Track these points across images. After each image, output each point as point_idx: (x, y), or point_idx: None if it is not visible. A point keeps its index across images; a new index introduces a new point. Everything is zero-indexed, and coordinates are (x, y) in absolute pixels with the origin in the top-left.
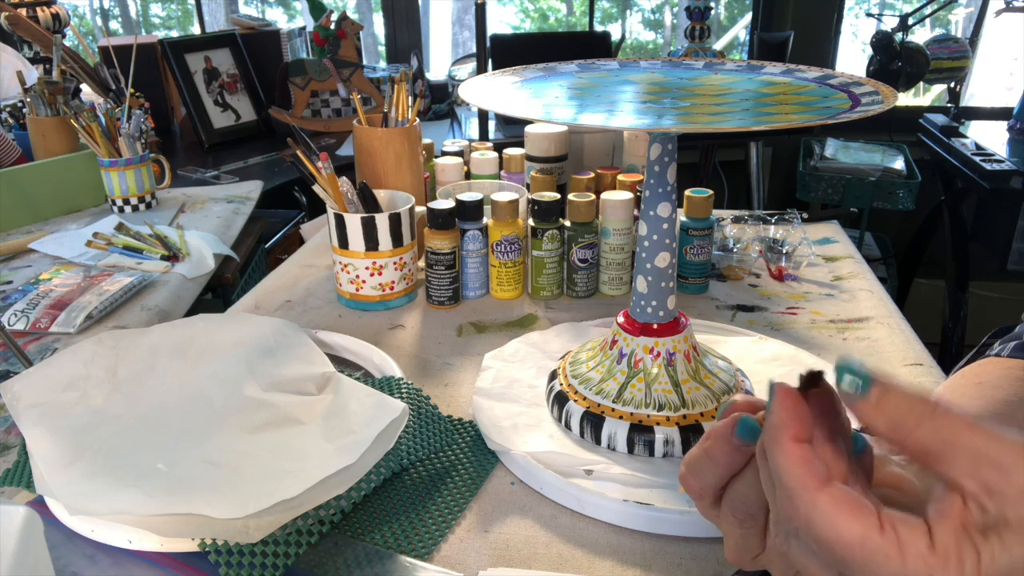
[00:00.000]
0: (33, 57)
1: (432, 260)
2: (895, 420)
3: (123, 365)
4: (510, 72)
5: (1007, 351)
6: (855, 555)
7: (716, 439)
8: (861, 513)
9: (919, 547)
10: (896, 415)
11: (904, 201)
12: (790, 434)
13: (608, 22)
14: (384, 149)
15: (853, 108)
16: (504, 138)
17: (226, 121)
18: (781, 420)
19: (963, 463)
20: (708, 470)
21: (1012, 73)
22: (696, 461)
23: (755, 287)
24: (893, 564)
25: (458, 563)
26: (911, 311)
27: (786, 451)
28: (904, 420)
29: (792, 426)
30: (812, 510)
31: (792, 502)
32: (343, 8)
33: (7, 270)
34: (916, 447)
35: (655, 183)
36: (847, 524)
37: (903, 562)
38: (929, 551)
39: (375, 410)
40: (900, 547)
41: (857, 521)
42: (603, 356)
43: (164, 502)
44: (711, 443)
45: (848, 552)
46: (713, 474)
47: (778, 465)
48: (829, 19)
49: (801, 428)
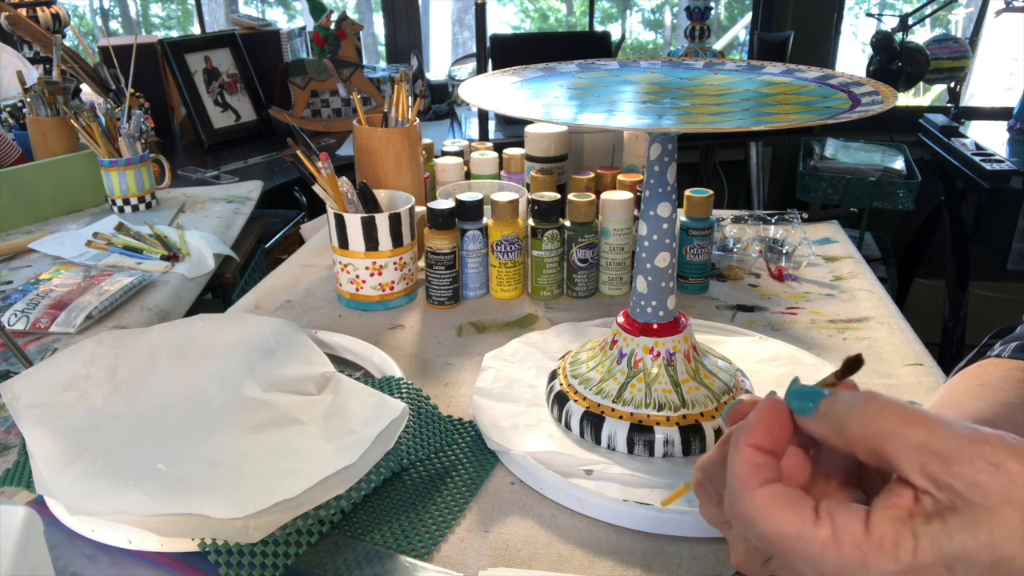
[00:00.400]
0: (33, 57)
1: (432, 260)
2: (837, 426)
3: (123, 365)
4: (510, 72)
5: (1008, 352)
6: (794, 546)
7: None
8: (796, 506)
9: (854, 533)
10: (838, 420)
11: (904, 201)
12: (749, 439)
13: (608, 22)
14: (384, 149)
15: (853, 108)
16: (504, 138)
17: (226, 121)
18: (749, 424)
19: (908, 458)
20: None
21: (1012, 73)
22: (715, 465)
23: (755, 287)
24: (829, 552)
25: (458, 563)
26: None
27: (740, 452)
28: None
29: (754, 431)
30: (751, 507)
31: (734, 499)
32: (343, 8)
33: (7, 270)
34: (863, 449)
35: (655, 183)
36: (782, 517)
37: (838, 549)
38: (864, 536)
39: (375, 410)
40: (835, 534)
41: (792, 513)
42: (603, 356)
43: (164, 502)
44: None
45: (787, 543)
46: None
47: (730, 462)
48: (829, 19)
49: (762, 436)
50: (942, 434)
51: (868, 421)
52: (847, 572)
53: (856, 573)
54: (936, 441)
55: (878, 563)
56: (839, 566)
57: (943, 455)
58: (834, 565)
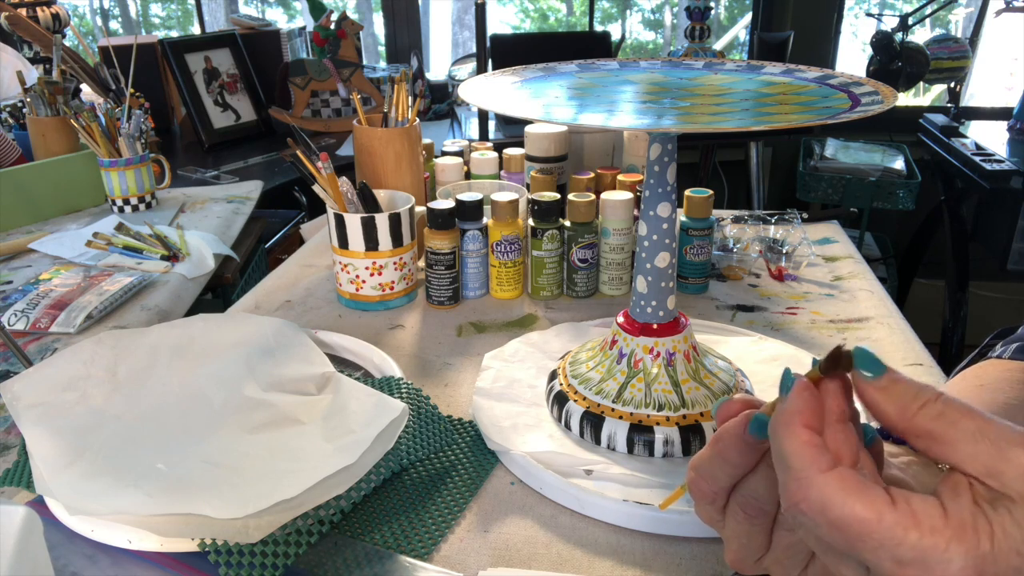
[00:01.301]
0: (33, 57)
1: (432, 260)
2: (901, 404)
3: (123, 365)
4: (510, 72)
5: (1008, 353)
6: (872, 530)
7: (729, 439)
8: (872, 491)
9: (934, 519)
10: (902, 400)
11: (904, 201)
12: (802, 420)
13: (608, 22)
14: (384, 149)
15: (853, 108)
16: (504, 138)
17: (226, 121)
18: (796, 407)
19: (963, 445)
20: (722, 471)
21: (1012, 73)
22: (707, 463)
23: (755, 287)
24: (911, 537)
25: (458, 563)
26: (911, 311)
27: (797, 436)
28: (909, 404)
29: (805, 413)
30: (823, 491)
31: (802, 485)
32: (343, 8)
33: (7, 270)
34: (920, 431)
35: (655, 183)
36: (860, 502)
37: (920, 534)
38: (944, 523)
39: (375, 410)
40: (915, 520)
41: (869, 499)
42: (603, 356)
43: (164, 502)
44: (724, 444)
45: (865, 528)
46: (727, 475)
47: (787, 449)
48: (829, 19)
49: (812, 417)
50: (998, 426)
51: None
52: (929, 557)
53: (938, 557)
54: (992, 430)
55: (960, 547)
56: (921, 550)
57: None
58: (916, 549)
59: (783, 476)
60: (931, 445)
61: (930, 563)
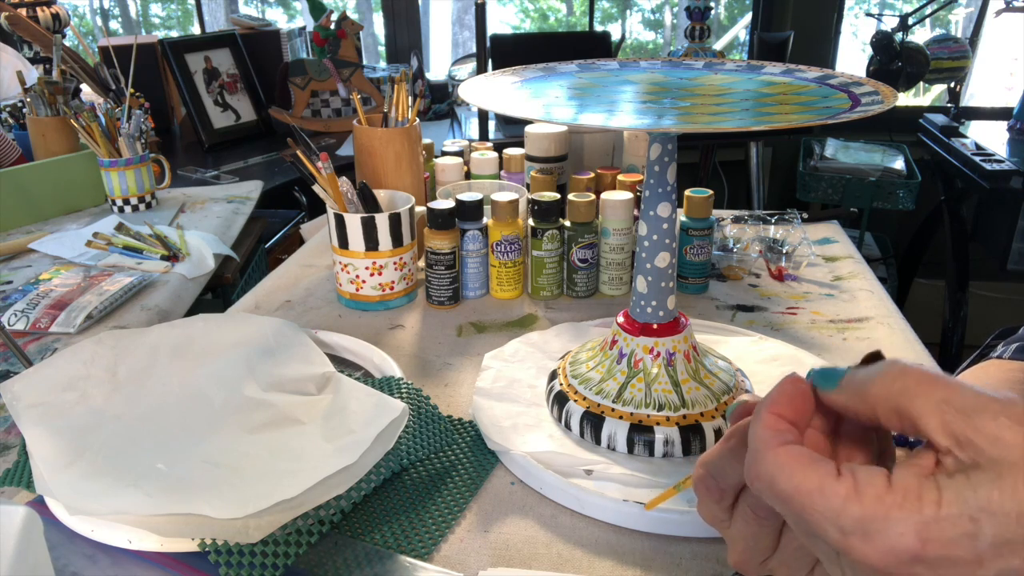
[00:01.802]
0: (33, 57)
1: (432, 260)
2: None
3: (123, 365)
4: (510, 72)
5: (1009, 353)
6: (814, 501)
7: (742, 437)
8: (817, 464)
9: (876, 486)
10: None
11: (904, 201)
12: (771, 407)
13: (608, 22)
14: (384, 149)
15: (853, 108)
16: (504, 138)
17: (226, 121)
18: (772, 395)
19: (930, 414)
20: (732, 468)
21: (1012, 73)
22: (718, 460)
23: (755, 287)
24: (851, 505)
25: (458, 563)
26: (911, 311)
27: (759, 418)
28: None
29: (777, 400)
30: (771, 465)
31: (755, 460)
32: (343, 8)
33: (7, 270)
34: (885, 412)
35: (655, 183)
36: (803, 473)
37: (860, 502)
38: (887, 490)
39: (375, 410)
40: (857, 488)
41: (813, 470)
42: (603, 356)
43: (164, 502)
44: (736, 441)
45: (807, 499)
46: (737, 472)
47: (752, 431)
48: (829, 19)
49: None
50: (964, 392)
51: (891, 380)
52: (869, 525)
53: (878, 525)
54: (958, 398)
55: (901, 514)
56: (860, 519)
57: (965, 411)
58: (855, 518)
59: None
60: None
61: (870, 531)
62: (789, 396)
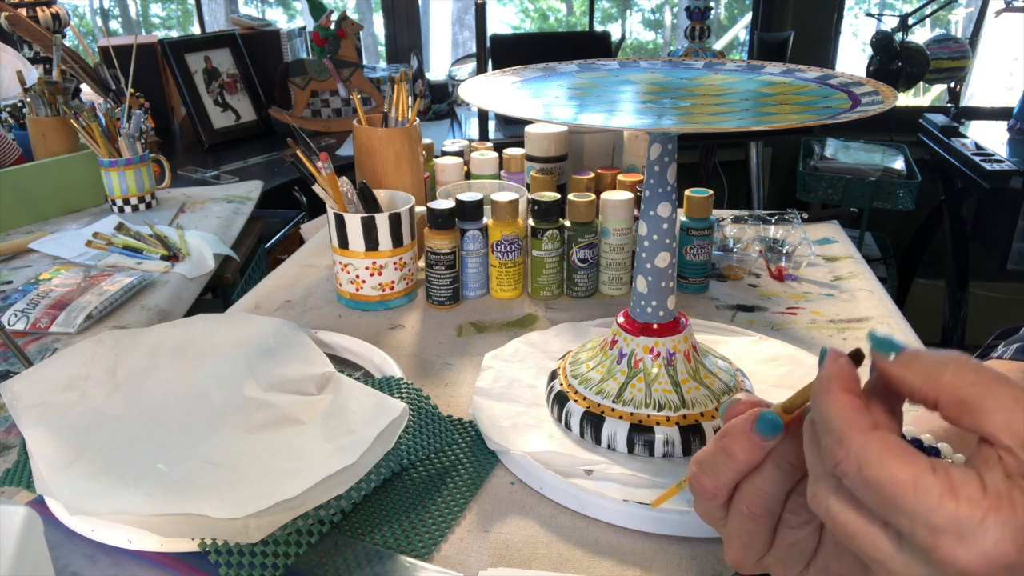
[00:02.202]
0: (33, 57)
1: (432, 260)
2: (928, 374)
3: (123, 365)
4: (510, 72)
5: (1009, 353)
6: (907, 494)
7: (735, 436)
8: (913, 455)
9: (972, 490)
10: (927, 369)
11: (904, 201)
12: (840, 385)
13: (608, 22)
14: (384, 149)
15: (853, 108)
16: (504, 138)
17: (226, 121)
18: (832, 372)
19: (997, 414)
20: (726, 467)
21: (1012, 73)
22: (712, 459)
23: (755, 287)
24: (947, 505)
25: (458, 563)
26: (911, 311)
27: (836, 399)
28: (938, 374)
29: (842, 378)
30: (864, 451)
31: (843, 444)
32: (343, 8)
33: (7, 270)
34: (951, 398)
35: (655, 183)
36: (899, 464)
37: (956, 503)
38: (983, 494)
39: (375, 410)
40: (953, 488)
41: (909, 462)
42: (603, 356)
43: (164, 502)
44: (729, 440)
45: (900, 490)
46: (732, 471)
47: (827, 412)
48: (829, 19)
49: (849, 381)
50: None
51: (966, 371)
52: (964, 525)
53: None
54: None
55: (1000, 518)
56: (956, 519)
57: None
58: (951, 517)
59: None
60: (963, 414)
61: (966, 533)
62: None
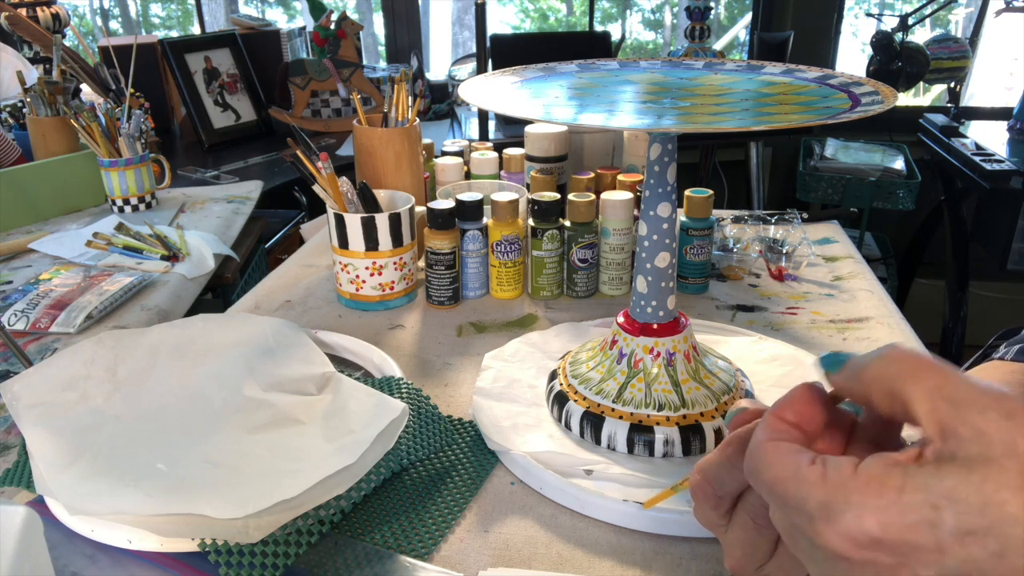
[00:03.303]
0: (33, 57)
1: (432, 260)
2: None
3: (123, 365)
4: (510, 72)
5: (1011, 355)
6: (788, 489)
7: (740, 445)
8: (796, 453)
9: (842, 472)
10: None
11: (904, 201)
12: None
13: (608, 22)
14: (384, 149)
15: (853, 108)
16: (504, 138)
17: (226, 121)
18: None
19: (921, 399)
20: (729, 476)
21: (1012, 73)
22: (715, 467)
23: (755, 287)
24: (816, 490)
25: (458, 563)
26: (911, 311)
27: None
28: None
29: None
30: (759, 458)
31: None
32: (343, 8)
33: (7, 270)
34: (880, 394)
35: (655, 183)
36: (781, 462)
37: (824, 487)
38: (851, 475)
39: (375, 410)
40: (823, 476)
41: (790, 458)
42: (603, 356)
43: (164, 502)
44: (734, 449)
45: (782, 487)
46: (736, 481)
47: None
48: (829, 19)
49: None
50: (958, 382)
51: (888, 363)
52: (832, 507)
53: (840, 508)
54: (951, 387)
55: (861, 498)
56: (823, 502)
57: (955, 400)
58: (819, 501)
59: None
60: (894, 406)
61: (831, 513)
62: (795, 401)
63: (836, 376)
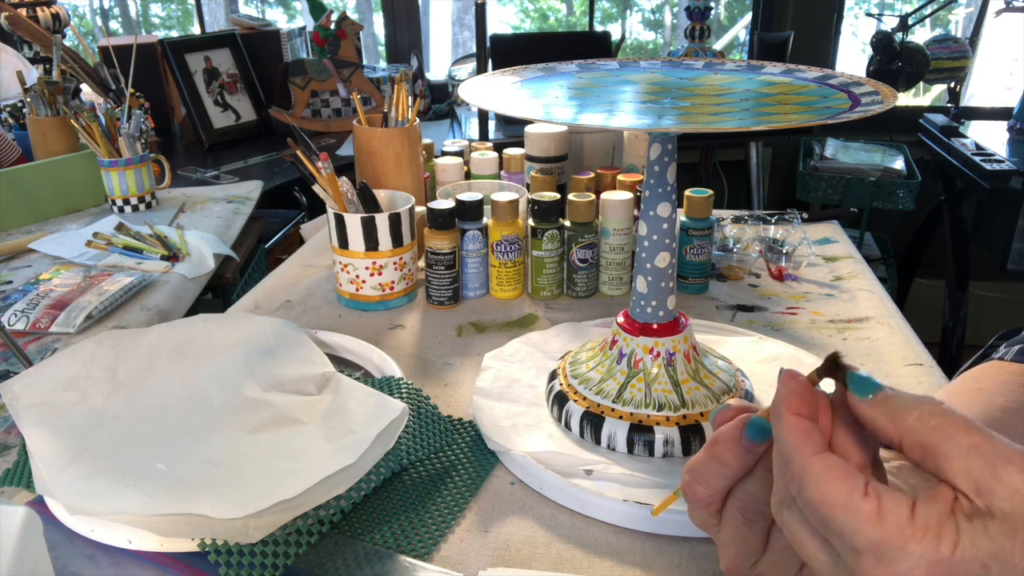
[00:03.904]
0: (33, 57)
1: (432, 260)
2: (894, 417)
3: (123, 365)
4: (510, 72)
5: (1010, 355)
6: (836, 515)
7: (725, 443)
8: (849, 478)
9: (899, 515)
10: (896, 411)
11: (904, 201)
12: (790, 407)
13: (608, 22)
14: (384, 149)
15: (853, 108)
16: (504, 138)
17: (226, 121)
18: (782, 396)
19: (956, 460)
20: (718, 474)
21: (1012, 73)
22: (704, 467)
23: (755, 287)
24: (869, 527)
25: (458, 563)
26: (911, 311)
27: (786, 421)
28: (903, 418)
29: (791, 401)
30: (803, 472)
31: (788, 466)
32: (343, 8)
33: (7, 270)
34: (913, 442)
35: (655, 183)
36: (833, 486)
37: (880, 526)
38: (908, 521)
39: (375, 410)
40: (880, 512)
41: (843, 484)
42: (603, 356)
43: (164, 502)
44: (719, 447)
45: (830, 512)
46: (723, 478)
47: (779, 434)
48: (829, 19)
49: (800, 404)
50: (995, 443)
51: (928, 416)
52: (884, 550)
53: (893, 553)
54: (987, 447)
55: (918, 548)
56: (877, 542)
57: (991, 460)
58: (872, 540)
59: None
60: (925, 457)
61: (884, 556)
62: (799, 393)
63: (866, 406)
